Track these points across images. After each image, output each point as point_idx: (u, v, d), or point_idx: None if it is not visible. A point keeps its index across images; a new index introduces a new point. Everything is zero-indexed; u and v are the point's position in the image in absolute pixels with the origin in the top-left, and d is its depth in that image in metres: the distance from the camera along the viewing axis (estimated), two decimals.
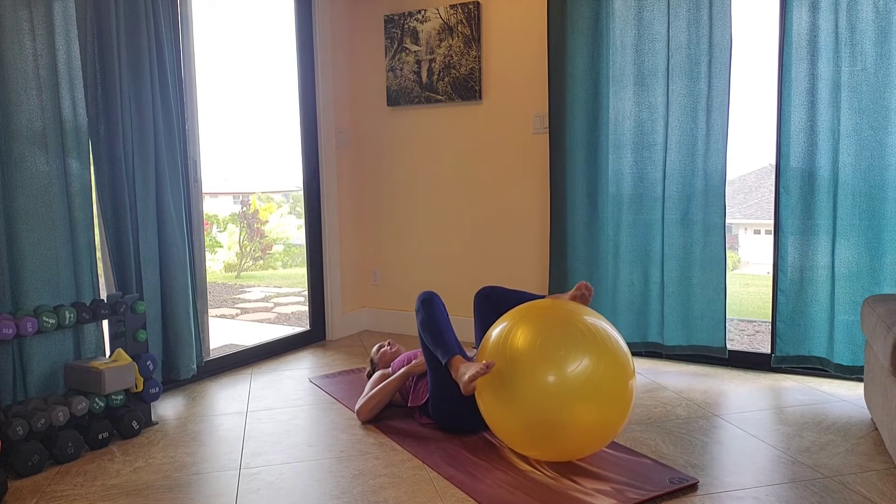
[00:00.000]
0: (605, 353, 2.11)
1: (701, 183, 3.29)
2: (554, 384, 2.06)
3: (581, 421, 2.08)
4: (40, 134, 2.60)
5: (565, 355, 2.08)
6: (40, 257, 2.60)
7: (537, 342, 2.12)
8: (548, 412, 2.07)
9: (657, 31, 3.30)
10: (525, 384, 2.10)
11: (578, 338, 2.11)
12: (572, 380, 2.06)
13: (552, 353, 2.09)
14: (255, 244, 8.83)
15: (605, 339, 2.14)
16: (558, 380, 2.06)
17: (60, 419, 2.40)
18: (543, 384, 2.07)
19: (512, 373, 2.13)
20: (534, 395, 2.08)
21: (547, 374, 2.07)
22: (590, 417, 2.08)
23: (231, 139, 7.16)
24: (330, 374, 3.41)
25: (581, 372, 2.07)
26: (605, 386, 2.09)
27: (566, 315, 2.20)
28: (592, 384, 2.07)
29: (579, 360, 2.08)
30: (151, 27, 2.94)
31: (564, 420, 2.07)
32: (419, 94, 3.99)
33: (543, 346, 2.10)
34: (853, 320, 3.03)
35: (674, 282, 3.38)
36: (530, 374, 2.09)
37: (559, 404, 2.06)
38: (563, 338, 2.11)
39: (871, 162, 2.95)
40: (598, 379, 2.08)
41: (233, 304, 6.58)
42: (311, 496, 2.12)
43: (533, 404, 2.09)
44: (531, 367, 2.10)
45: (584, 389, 2.06)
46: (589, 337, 2.12)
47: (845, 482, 2.14)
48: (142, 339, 2.73)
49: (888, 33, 2.88)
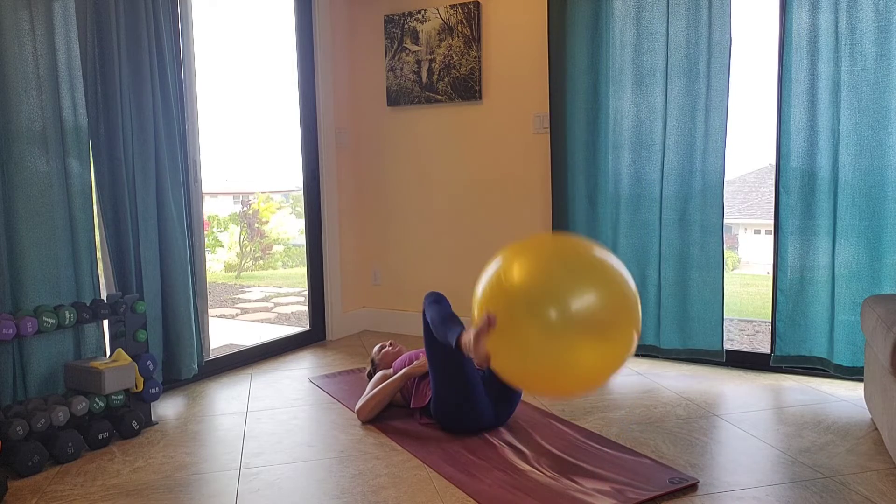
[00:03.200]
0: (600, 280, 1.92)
1: (699, 183, 3.29)
2: (559, 322, 1.85)
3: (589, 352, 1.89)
4: (40, 134, 2.60)
5: (569, 290, 1.87)
6: (40, 257, 2.60)
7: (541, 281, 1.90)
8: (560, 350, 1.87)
9: (657, 30, 3.30)
10: (532, 328, 1.88)
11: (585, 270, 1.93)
12: (577, 315, 1.86)
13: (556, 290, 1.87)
14: (256, 244, 8.83)
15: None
16: (563, 317, 1.85)
17: (60, 419, 2.40)
18: (549, 323, 1.85)
19: (519, 321, 1.90)
20: (544, 337, 1.87)
21: (550, 310, 1.85)
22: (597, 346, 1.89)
23: (231, 139, 7.16)
24: (330, 374, 3.41)
25: (586, 306, 1.86)
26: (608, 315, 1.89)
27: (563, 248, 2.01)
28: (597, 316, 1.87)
29: (584, 294, 1.88)
30: (151, 27, 2.94)
31: (574, 356, 1.88)
32: (419, 94, 3.99)
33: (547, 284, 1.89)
34: (853, 320, 3.03)
35: (671, 283, 3.38)
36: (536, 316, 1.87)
37: (569, 341, 1.86)
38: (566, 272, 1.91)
39: (871, 162, 2.95)
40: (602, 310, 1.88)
41: (233, 304, 6.58)
42: (311, 496, 2.12)
43: (547, 345, 1.87)
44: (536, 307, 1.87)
45: (589, 324, 1.87)
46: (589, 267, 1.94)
47: (845, 482, 2.14)
48: (142, 339, 2.73)
49: (888, 33, 2.88)
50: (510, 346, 1.94)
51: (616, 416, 2.76)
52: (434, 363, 2.53)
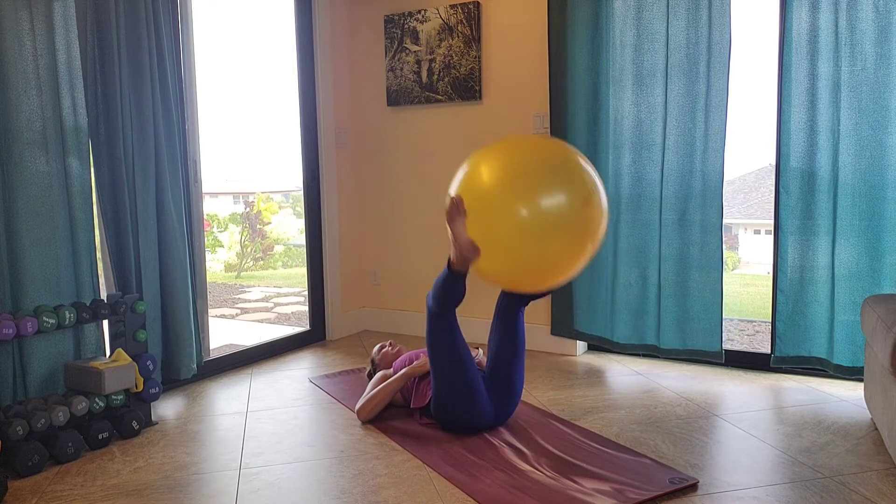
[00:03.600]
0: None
1: (699, 183, 3.28)
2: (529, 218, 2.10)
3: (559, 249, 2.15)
4: (40, 134, 2.60)
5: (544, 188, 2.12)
6: (40, 257, 2.60)
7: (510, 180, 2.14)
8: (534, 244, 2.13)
9: (657, 30, 3.30)
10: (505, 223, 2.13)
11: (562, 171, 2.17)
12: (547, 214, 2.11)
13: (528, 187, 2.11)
14: (257, 244, 8.83)
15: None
16: (533, 213, 2.10)
17: (60, 419, 2.40)
18: (519, 219, 2.10)
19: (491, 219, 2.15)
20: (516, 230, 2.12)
21: (521, 208, 2.10)
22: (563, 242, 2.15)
23: (231, 139, 7.17)
24: (330, 374, 3.41)
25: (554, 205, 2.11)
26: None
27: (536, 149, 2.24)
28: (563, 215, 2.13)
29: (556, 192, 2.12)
30: (151, 27, 2.94)
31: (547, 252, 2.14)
32: (419, 94, 3.99)
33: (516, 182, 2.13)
34: (853, 320, 3.03)
35: (670, 283, 3.38)
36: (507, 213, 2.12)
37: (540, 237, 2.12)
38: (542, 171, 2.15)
39: (871, 162, 2.95)
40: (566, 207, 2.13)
41: (233, 304, 6.58)
42: (311, 496, 2.12)
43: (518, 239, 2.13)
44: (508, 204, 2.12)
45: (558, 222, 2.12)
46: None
47: (845, 482, 2.14)
48: (142, 339, 2.73)
49: (888, 33, 2.88)
50: (488, 232, 2.16)
51: (616, 416, 2.76)
52: (435, 364, 2.53)
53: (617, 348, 3.54)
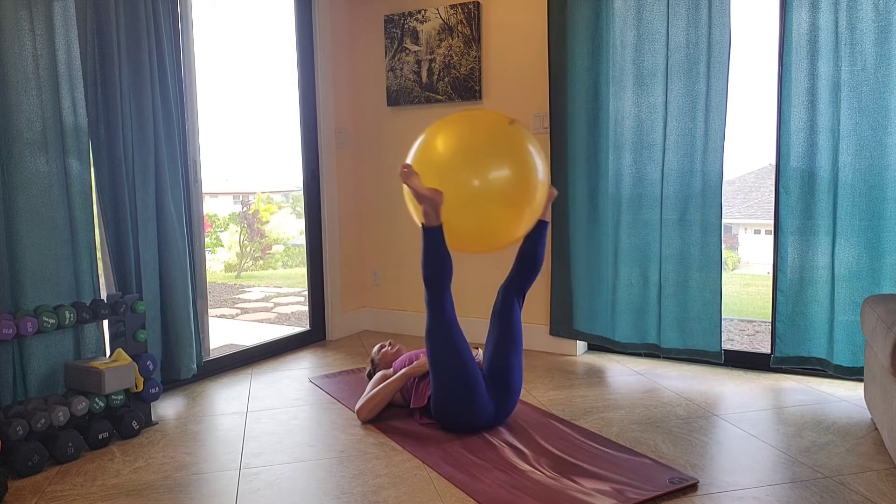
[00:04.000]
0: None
1: (699, 183, 3.28)
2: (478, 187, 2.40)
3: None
4: (40, 134, 2.60)
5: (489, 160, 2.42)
6: (40, 257, 2.60)
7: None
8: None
9: (657, 30, 3.30)
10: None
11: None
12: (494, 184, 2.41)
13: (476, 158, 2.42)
14: (256, 244, 8.83)
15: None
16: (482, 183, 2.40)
17: (60, 419, 2.40)
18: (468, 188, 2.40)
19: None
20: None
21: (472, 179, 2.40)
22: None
23: (231, 139, 7.16)
24: (330, 374, 3.41)
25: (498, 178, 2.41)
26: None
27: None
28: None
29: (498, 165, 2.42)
30: (151, 27, 2.94)
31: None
32: (419, 94, 3.99)
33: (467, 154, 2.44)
34: (853, 320, 3.03)
35: (671, 283, 3.38)
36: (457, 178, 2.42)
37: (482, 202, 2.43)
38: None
39: (871, 162, 2.95)
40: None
41: (233, 304, 6.58)
42: (311, 496, 2.12)
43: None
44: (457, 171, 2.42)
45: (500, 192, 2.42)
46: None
47: (845, 482, 2.14)
48: (142, 339, 2.73)
49: (888, 33, 2.88)
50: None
51: (616, 416, 2.76)
52: (435, 362, 2.53)
53: (618, 347, 3.54)
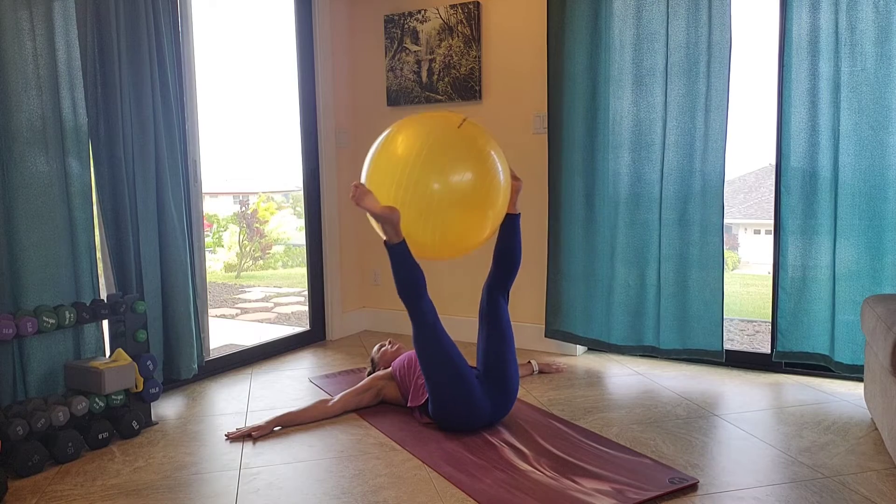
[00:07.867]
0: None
1: (699, 183, 3.28)
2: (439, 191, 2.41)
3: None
4: (40, 134, 2.60)
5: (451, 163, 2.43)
6: (40, 257, 2.60)
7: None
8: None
9: (656, 30, 3.29)
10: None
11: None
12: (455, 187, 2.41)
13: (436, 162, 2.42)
14: (255, 244, 8.83)
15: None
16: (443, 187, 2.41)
17: (60, 419, 2.40)
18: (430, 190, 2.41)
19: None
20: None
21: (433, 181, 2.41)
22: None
23: (231, 139, 7.16)
24: (330, 374, 3.41)
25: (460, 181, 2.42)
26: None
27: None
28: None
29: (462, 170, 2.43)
30: (151, 27, 2.94)
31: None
32: (419, 94, 3.99)
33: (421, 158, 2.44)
34: (854, 320, 3.03)
35: (670, 283, 3.37)
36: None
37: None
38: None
39: (872, 162, 2.95)
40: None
41: (233, 304, 6.59)
42: (311, 496, 2.12)
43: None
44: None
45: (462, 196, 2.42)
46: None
47: (845, 482, 2.14)
48: (142, 339, 2.73)
49: (888, 33, 2.88)
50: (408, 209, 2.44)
51: (616, 416, 2.76)
52: (427, 367, 2.53)
53: (614, 350, 3.54)
